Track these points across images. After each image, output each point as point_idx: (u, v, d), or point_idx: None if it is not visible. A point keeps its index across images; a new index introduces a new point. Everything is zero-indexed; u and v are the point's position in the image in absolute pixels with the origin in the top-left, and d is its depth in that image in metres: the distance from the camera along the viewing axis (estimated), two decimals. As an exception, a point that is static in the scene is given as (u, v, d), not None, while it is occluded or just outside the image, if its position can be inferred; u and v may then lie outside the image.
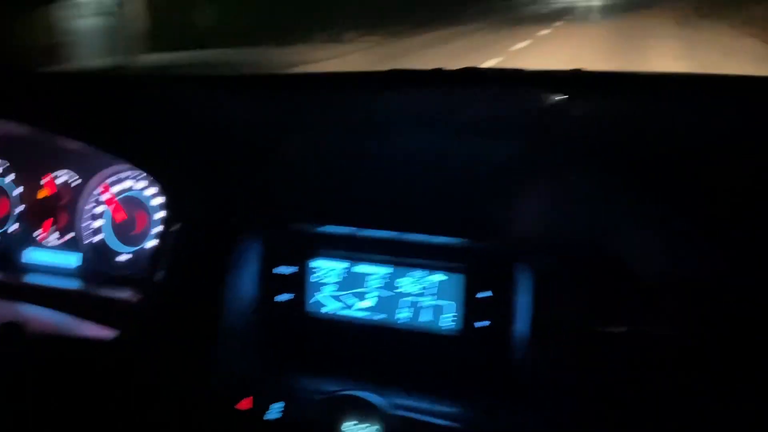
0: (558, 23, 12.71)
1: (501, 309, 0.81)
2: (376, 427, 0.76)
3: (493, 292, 0.82)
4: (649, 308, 0.74)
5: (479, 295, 0.83)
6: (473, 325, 0.83)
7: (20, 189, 1.15)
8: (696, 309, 0.72)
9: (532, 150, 0.86)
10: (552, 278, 0.76)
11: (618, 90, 1.12)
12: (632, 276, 0.74)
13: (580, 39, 10.28)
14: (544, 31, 11.14)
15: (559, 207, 0.79)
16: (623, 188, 0.80)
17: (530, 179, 0.82)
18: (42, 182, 1.13)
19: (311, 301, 0.88)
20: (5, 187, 1.15)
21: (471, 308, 0.83)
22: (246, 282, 0.88)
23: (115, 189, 1.10)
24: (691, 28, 10.88)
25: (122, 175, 1.10)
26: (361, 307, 0.87)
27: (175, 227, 0.89)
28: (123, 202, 1.09)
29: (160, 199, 1.07)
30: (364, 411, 0.77)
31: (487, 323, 0.83)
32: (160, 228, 1.05)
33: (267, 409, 0.79)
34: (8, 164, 1.16)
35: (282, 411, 0.79)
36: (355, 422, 0.76)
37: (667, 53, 8.27)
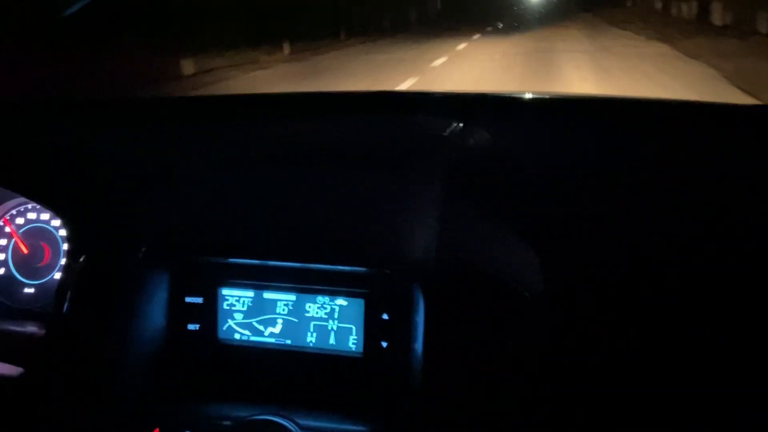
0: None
1: (398, 330, 0.88)
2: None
3: (390, 315, 0.89)
4: (531, 320, 0.83)
5: (378, 317, 0.89)
6: (374, 346, 0.90)
7: None
8: (569, 318, 0.82)
9: (423, 178, 0.94)
10: (442, 298, 0.83)
11: (511, 114, 1.19)
12: (513, 292, 0.83)
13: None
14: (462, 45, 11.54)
15: (447, 232, 0.88)
16: (498, 210, 0.89)
17: (421, 207, 0.90)
18: (-62, 215, 1.09)
19: (223, 328, 0.92)
20: None
21: (371, 330, 0.90)
22: (155, 312, 0.90)
23: (19, 221, 1.09)
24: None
25: (26, 206, 1.09)
26: (270, 333, 0.91)
27: (79, 260, 0.90)
28: (28, 234, 1.08)
29: (65, 231, 1.07)
30: (273, 434, 0.82)
31: (385, 344, 0.90)
32: (65, 260, 1.06)
33: (177, 437, 0.82)
34: None
35: (191, 439, 0.82)
36: (266, 445, 0.81)
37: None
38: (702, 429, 0.79)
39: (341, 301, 0.91)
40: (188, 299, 0.92)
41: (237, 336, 0.92)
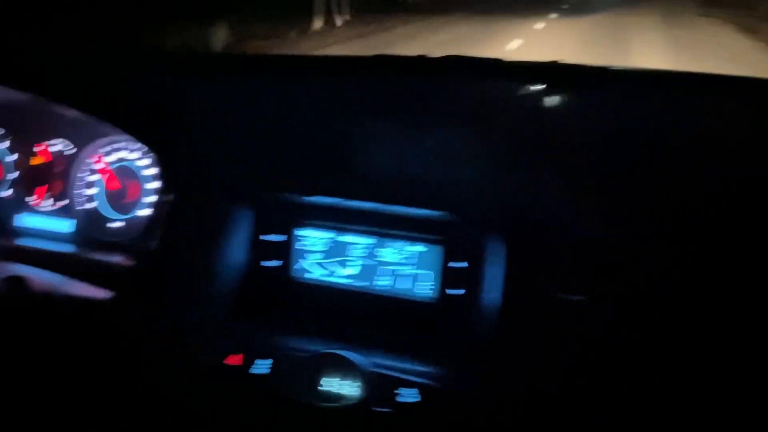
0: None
1: (476, 279, 0.88)
2: (356, 383, 0.82)
3: (469, 263, 0.89)
4: (610, 279, 0.81)
5: (455, 265, 0.89)
6: (449, 294, 0.89)
7: (14, 156, 1.18)
8: (651, 281, 0.79)
9: (508, 134, 0.92)
10: (524, 251, 0.82)
11: (591, 84, 1.18)
12: (596, 250, 0.81)
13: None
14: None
15: (532, 187, 0.86)
16: (586, 172, 0.87)
17: (507, 161, 0.89)
18: (36, 150, 1.16)
19: (299, 267, 0.94)
20: (0, 154, 1.18)
21: (448, 278, 0.90)
22: (237, 248, 0.93)
23: (109, 159, 1.13)
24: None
25: (116, 145, 1.14)
26: (344, 275, 0.92)
27: (169, 197, 0.94)
28: (116, 171, 1.13)
29: (152, 170, 1.11)
30: (345, 368, 0.83)
31: (462, 292, 0.89)
32: (152, 197, 1.10)
33: (254, 364, 0.85)
34: (3, 131, 1.18)
35: (269, 367, 0.85)
36: (337, 378, 0.82)
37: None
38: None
39: (419, 247, 0.91)
40: (267, 237, 0.94)
41: (312, 275, 0.94)
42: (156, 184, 1.10)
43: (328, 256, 0.93)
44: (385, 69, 1.21)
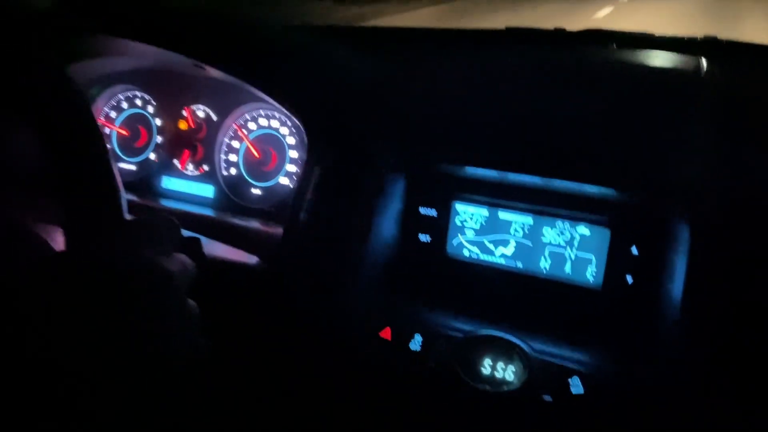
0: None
1: (649, 266, 0.81)
2: (518, 368, 0.78)
3: (640, 249, 0.82)
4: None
5: (626, 250, 0.82)
6: (616, 281, 0.83)
7: (160, 120, 1.20)
8: None
9: (678, 106, 0.85)
10: (713, 237, 0.75)
11: (748, 59, 1.09)
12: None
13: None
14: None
15: (718, 164, 0.78)
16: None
17: (688, 134, 0.81)
18: (181, 115, 1.18)
19: (453, 243, 0.90)
20: (147, 118, 1.21)
21: (615, 264, 0.83)
22: (389, 220, 0.90)
23: (251, 126, 1.14)
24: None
25: (256, 113, 1.14)
26: (501, 254, 0.88)
27: (314, 167, 0.92)
28: (258, 139, 1.13)
29: (292, 139, 1.11)
30: (506, 352, 0.79)
31: (631, 280, 0.83)
32: (293, 166, 1.10)
33: (408, 339, 0.82)
34: (149, 97, 1.22)
35: (422, 344, 0.82)
36: (499, 362, 0.79)
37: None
38: None
39: (583, 229, 0.85)
40: (422, 210, 0.91)
41: (466, 252, 0.90)
42: (300, 154, 1.09)
43: (484, 233, 0.89)
44: (521, 40, 1.16)
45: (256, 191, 1.12)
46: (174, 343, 0.54)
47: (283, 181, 1.11)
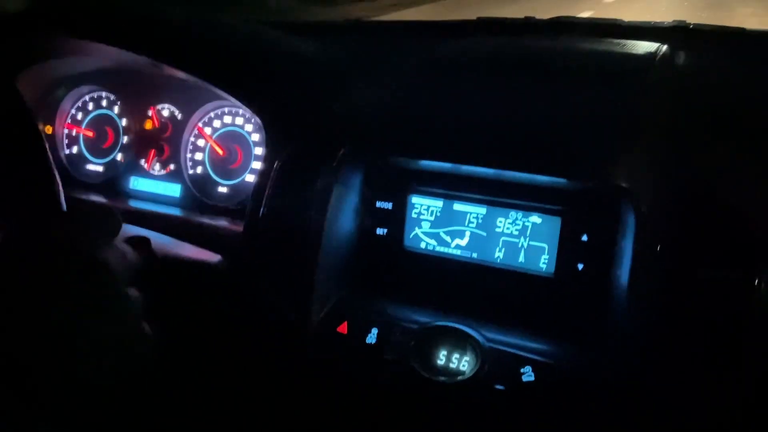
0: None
1: (598, 253, 0.82)
2: (471, 358, 0.79)
3: (590, 236, 0.83)
4: (755, 259, 0.73)
5: (576, 237, 0.83)
6: (567, 268, 0.84)
7: (126, 121, 1.21)
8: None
9: (634, 96, 0.86)
10: (658, 223, 0.75)
11: (720, 46, 1.10)
12: (742, 224, 0.73)
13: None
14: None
15: (668, 153, 0.79)
16: (727, 137, 0.79)
17: (637, 123, 0.82)
18: (146, 115, 1.18)
19: (410, 236, 0.91)
20: (114, 119, 1.22)
21: (566, 251, 0.84)
22: (346, 214, 0.91)
23: (215, 124, 1.15)
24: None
25: (221, 111, 1.14)
26: (457, 245, 0.89)
27: (274, 162, 0.93)
28: (223, 137, 1.14)
29: (257, 136, 1.11)
30: (460, 342, 0.81)
31: (581, 267, 0.84)
32: (258, 163, 1.10)
33: (365, 333, 0.83)
34: (115, 97, 1.22)
35: (377, 336, 0.83)
36: (454, 353, 0.80)
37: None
38: None
39: (535, 218, 0.86)
40: (378, 204, 0.92)
41: (423, 245, 0.91)
42: (262, 150, 1.10)
43: (441, 225, 0.90)
44: (491, 30, 1.17)
45: (222, 189, 1.13)
46: (110, 331, 0.54)
47: (250, 178, 1.11)
